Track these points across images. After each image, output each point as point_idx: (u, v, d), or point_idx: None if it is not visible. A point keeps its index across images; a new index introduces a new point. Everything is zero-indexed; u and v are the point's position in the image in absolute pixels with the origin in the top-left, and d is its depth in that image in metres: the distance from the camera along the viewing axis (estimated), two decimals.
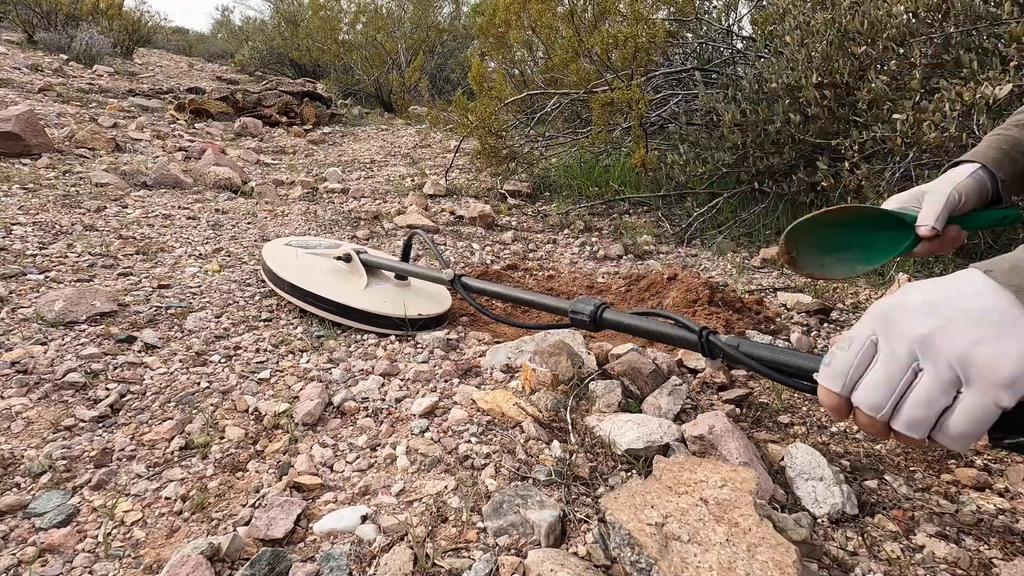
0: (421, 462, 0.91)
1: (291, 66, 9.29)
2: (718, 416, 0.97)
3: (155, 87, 5.70)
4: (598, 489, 0.86)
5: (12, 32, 7.31)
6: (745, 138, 2.42)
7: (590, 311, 0.98)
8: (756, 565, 0.64)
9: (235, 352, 1.27)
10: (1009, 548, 0.79)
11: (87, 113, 3.93)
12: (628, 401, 1.10)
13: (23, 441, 0.93)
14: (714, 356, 0.79)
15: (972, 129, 1.53)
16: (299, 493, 0.85)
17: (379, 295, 1.44)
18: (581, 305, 1.00)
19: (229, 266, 1.79)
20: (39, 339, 1.22)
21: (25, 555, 0.73)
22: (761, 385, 1.23)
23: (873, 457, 0.99)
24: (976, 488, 0.91)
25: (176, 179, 2.72)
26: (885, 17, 1.77)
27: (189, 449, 0.95)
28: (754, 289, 1.91)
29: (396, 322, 1.37)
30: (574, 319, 1.01)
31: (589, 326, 0.99)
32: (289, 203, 2.71)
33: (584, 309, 0.99)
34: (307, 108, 5.48)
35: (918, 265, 1.96)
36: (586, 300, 1.01)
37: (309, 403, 1.05)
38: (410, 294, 1.50)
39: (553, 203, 3.11)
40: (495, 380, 1.18)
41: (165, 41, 11.27)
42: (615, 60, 2.73)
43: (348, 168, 3.75)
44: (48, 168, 2.60)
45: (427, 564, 0.71)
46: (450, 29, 8.21)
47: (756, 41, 2.90)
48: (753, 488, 0.76)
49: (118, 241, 1.85)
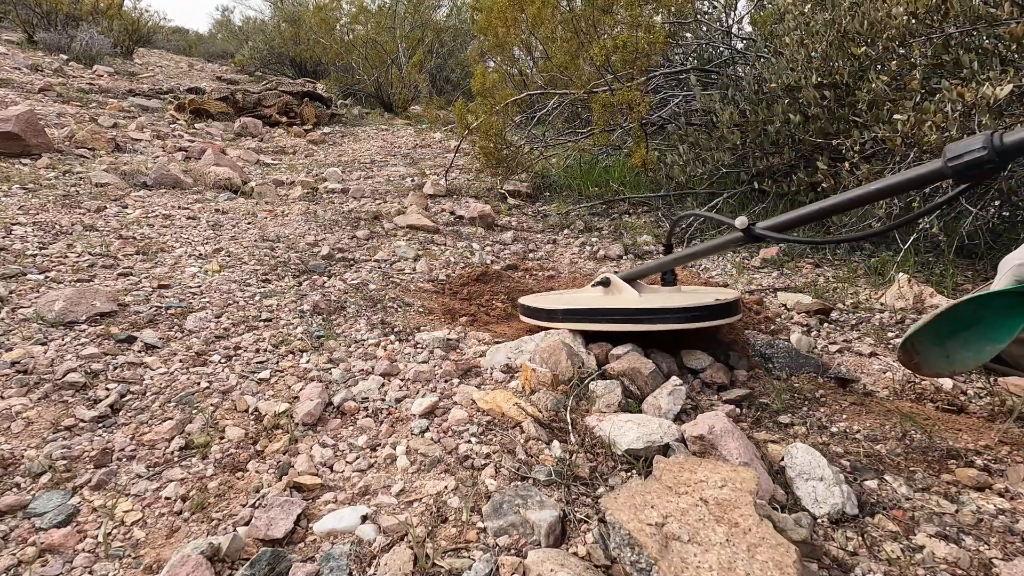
0: (421, 462, 0.91)
1: (291, 66, 9.29)
2: (718, 416, 0.97)
3: (155, 87, 5.70)
4: (598, 489, 0.86)
5: (12, 32, 7.31)
6: (745, 138, 2.42)
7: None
8: (756, 565, 0.64)
9: (235, 352, 1.27)
10: (1009, 548, 0.79)
11: (87, 113, 3.93)
12: (628, 401, 1.10)
13: (23, 441, 0.93)
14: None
15: (973, 130, 1.53)
16: (299, 493, 0.85)
17: (660, 298, 1.28)
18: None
19: (229, 266, 1.79)
20: (39, 339, 1.22)
21: (25, 555, 0.73)
22: (761, 385, 1.23)
23: (873, 457, 0.99)
24: (976, 488, 0.91)
25: (176, 179, 2.72)
26: (885, 18, 1.77)
27: (189, 449, 0.95)
28: (754, 289, 1.91)
29: (696, 313, 1.19)
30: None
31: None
32: (289, 203, 2.71)
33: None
34: (307, 108, 5.48)
35: (918, 265, 1.96)
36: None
37: (309, 403, 1.05)
38: (688, 293, 1.35)
39: (553, 203, 3.11)
40: (495, 380, 1.18)
41: (165, 41, 11.27)
42: (614, 62, 2.74)
43: (348, 168, 3.75)
44: (48, 168, 2.60)
45: (427, 564, 0.71)
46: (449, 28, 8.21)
47: (756, 41, 2.90)
48: (753, 488, 0.76)
49: (118, 241, 1.85)
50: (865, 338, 1.52)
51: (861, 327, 1.59)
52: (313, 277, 1.78)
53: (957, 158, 0.74)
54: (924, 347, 0.95)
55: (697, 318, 1.18)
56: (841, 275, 1.98)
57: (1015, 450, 0.99)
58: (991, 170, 0.73)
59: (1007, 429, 1.05)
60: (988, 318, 0.89)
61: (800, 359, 1.33)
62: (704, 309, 1.18)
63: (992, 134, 0.71)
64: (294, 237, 2.16)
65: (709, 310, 1.18)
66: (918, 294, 1.68)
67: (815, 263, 2.14)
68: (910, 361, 1.01)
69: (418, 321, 1.51)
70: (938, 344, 0.94)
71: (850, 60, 1.95)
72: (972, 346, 0.91)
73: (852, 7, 1.93)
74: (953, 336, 0.93)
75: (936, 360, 0.96)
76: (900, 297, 1.70)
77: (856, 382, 1.28)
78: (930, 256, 2.02)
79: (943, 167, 0.76)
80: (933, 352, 0.95)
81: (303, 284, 1.72)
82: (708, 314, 1.19)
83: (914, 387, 1.25)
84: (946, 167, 0.76)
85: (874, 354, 1.42)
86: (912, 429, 1.06)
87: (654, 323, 1.21)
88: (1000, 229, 1.97)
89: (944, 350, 0.94)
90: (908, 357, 1.00)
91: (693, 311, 1.18)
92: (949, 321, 0.91)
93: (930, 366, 0.97)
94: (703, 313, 1.18)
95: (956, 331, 0.92)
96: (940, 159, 0.77)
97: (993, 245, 1.98)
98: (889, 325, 1.60)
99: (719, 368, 1.23)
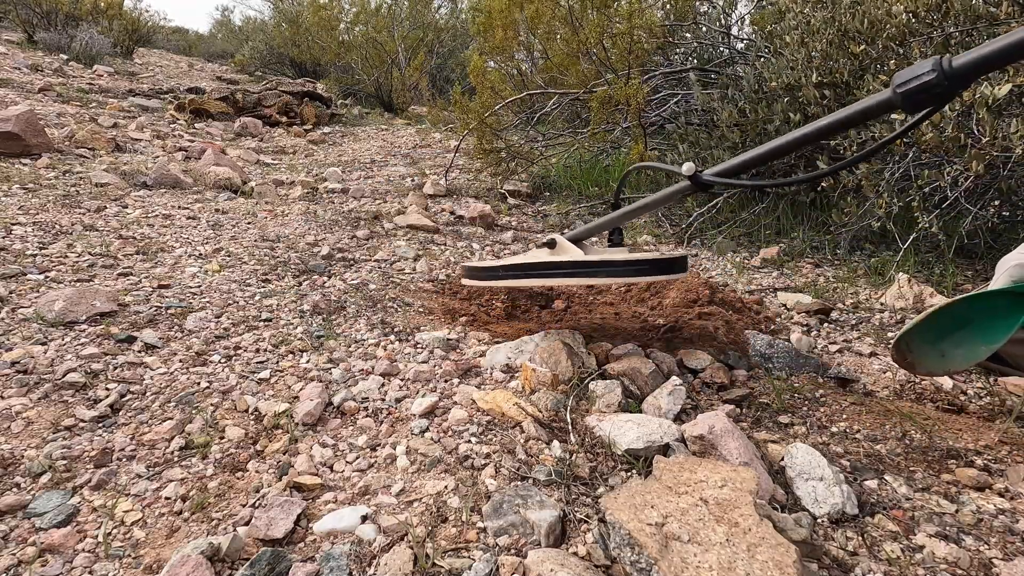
0: (421, 462, 0.91)
1: (291, 66, 9.29)
2: (718, 416, 0.97)
3: (155, 87, 5.70)
4: (598, 489, 0.86)
5: (12, 32, 7.31)
6: (745, 137, 2.42)
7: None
8: (756, 565, 0.64)
9: (235, 352, 1.27)
10: (1009, 548, 0.79)
11: (87, 113, 3.93)
12: (628, 401, 1.10)
13: (23, 441, 0.93)
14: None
15: (971, 129, 1.53)
16: (299, 493, 0.85)
17: (604, 254, 1.24)
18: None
19: (229, 266, 1.79)
20: (39, 339, 1.22)
21: (25, 555, 0.73)
22: (761, 385, 1.23)
23: (873, 457, 0.99)
24: (976, 488, 0.91)
25: (176, 179, 2.72)
26: (885, 16, 1.77)
27: (189, 449, 0.95)
28: (754, 289, 1.91)
29: (640, 267, 1.15)
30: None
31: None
32: (289, 203, 2.71)
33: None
34: (307, 108, 5.48)
35: (918, 265, 1.96)
36: None
37: (309, 403, 1.05)
38: (634, 250, 1.30)
39: (553, 203, 3.11)
40: (495, 380, 1.18)
41: (165, 41, 11.27)
42: (613, 59, 2.74)
43: (348, 168, 3.75)
44: (48, 168, 2.60)
45: (427, 564, 0.71)
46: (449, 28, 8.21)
47: (756, 41, 2.90)
48: (753, 488, 0.76)
49: (118, 241, 1.85)
50: (865, 338, 1.52)
51: (861, 327, 1.59)
52: (313, 277, 1.78)
53: (905, 84, 0.70)
54: (919, 346, 0.95)
55: (641, 272, 1.15)
56: (841, 275, 1.98)
57: (1015, 450, 0.99)
58: (941, 96, 0.69)
59: (1007, 429, 1.05)
60: (984, 318, 0.89)
61: (800, 359, 1.33)
62: (648, 263, 1.15)
63: (942, 58, 0.68)
64: (294, 237, 2.16)
65: (653, 264, 1.15)
66: (918, 294, 1.68)
67: (815, 263, 2.14)
68: (904, 360, 1.01)
69: (418, 321, 1.51)
70: (933, 344, 0.94)
71: (850, 59, 1.95)
72: (967, 345, 0.91)
73: (852, 6, 1.93)
74: (948, 336, 0.93)
75: (931, 359, 0.95)
76: (900, 297, 1.70)
77: (856, 382, 1.28)
78: (930, 256, 2.02)
79: (892, 95, 0.72)
80: (928, 351, 0.95)
81: (303, 284, 1.72)
82: (651, 268, 1.15)
83: (914, 387, 1.25)
84: (895, 95, 0.72)
85: (874, 354, 1.42)
86: (912, 429, 1.06)
87: (597, 276, 1.17)
88: (1000, 229, 1.97)
89: (939, 350, 0.94)
90: (902, 356, 1.00)
91: (636, 264, 1.14)
92: (944, 321, 0.91)
93: (924, 365, 0.97)
94: (646, 267, 1.15)
95: (951, 331, 0.92)
96: (888, 89, 0.73)
97: (993, 245, 1.97)
98: (889, 325, 1.59)
99: (719, 368, 1.23)
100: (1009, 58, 0.65)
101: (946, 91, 0.69)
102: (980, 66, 0.67)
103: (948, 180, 1.69)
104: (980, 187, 1.83)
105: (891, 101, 0.74)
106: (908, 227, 1.95)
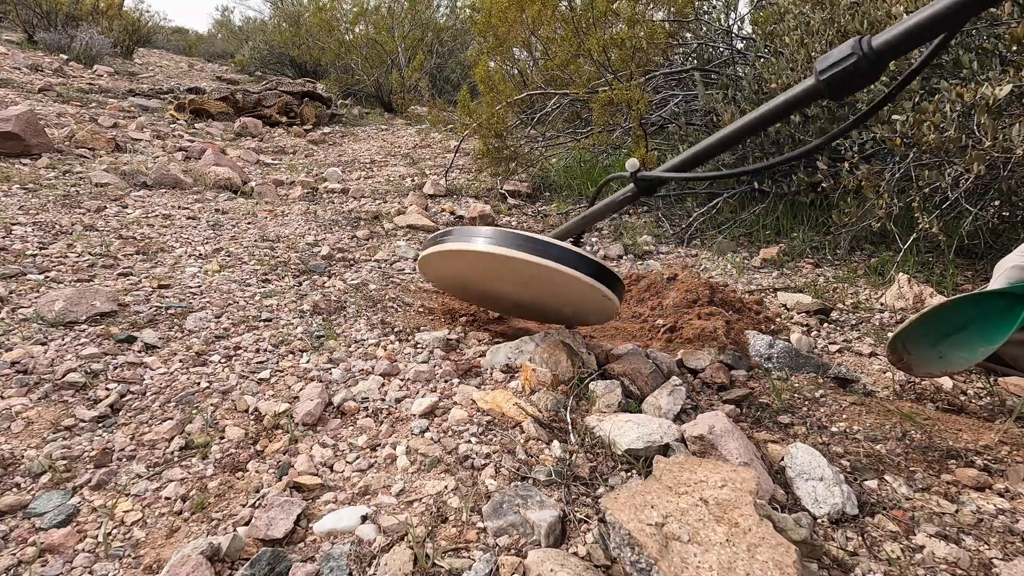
0: (421, 462, 0.91)
1: (291, 66, 9.29)
2: (718, 416, 0.97)
3: (155, 87, 5.70)
4: (598, 489, 0.86)
5: (12, 32, 7.31)
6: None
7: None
8: (756, 565, 0.64)
9: (235, 352, 1.27)
10: (1009, 548, 0.79)
11: (87, 113, 3.93)
12: (628, 401, 1.10)
13: (23, 441, 0.93)
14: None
15: (972, 130, 1.53)
16: (299, 493, 0.85)
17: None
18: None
19: (229, 266, 1.79)
20: (39, 339, 1.22)
21: (25, 555, 0.73)
22: (761, 385, 1.23)
23: (873, 457, 0.99)
24: (976, 488, 0.91)
25: (176, 179, 2.72)
26: (884, 17, 1.77)
27: (189, 449, 0.95)
28: (754, 289, 1.91)
29: (579, 261, 1.06)
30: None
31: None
32: (289, 203, 2.71)
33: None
34: (307, 108, 5.48)
35: (918, 266, 1.96)
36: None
37: (309, 403, 1.05)
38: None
39: (553, 203, 3.11)
40: (495, 380, 1.18)
41: (165, 41, 11.27)
42: (614, 60, 2.73)
43: (348, 168, 3.75)
44: (48, 168, 2.60)
45: (427, 564, 0.71)
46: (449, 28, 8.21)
47: (756, 41, 2.90)
48: (753, 488, 0.76)
49: (118, 241, 1.85)
50: (865, 338, 1.52)
51: (861, 327, 1.59)
52: (313, 277, 1.78)
53: (827, 71, 0.68)
54: (917, 348, 0.95)
55: (556, 258, 1.03)
56: (841, 275, 1.98)
57: (1015, 450, 0.99)
58: (862, 76, 0.67)
59: (1007, 429, 1.05)
60: (982, 319, 0.89)
61: (800, 359, 1.33)
62: (573, 255, 1.05)
63: (860, 39, 0.66)
64: (294, 237, 2.16)
65: (577, 258, 1.05)
66: (918, 294, 1.68)
67: (815, 263, 2.14)
68: (900, 361, 1.01)
69: (418, 321, 1.51)
70: (932, 345, 0.94)
71: None
72: (965, 346, 0.91)
73: (852, 6, 1.93)
74: (947, 337, 0.93)
75: (929, 360, 0.96)
76: (900, 297, 1.70)
77: (856, 382, 1.28)
78: (930, 256, 2.02)
79: (815, 82, 0.70)
80: (926, 352, 0.96)
81: (303, 284, 1.72)
82: (573, 261, 1.04)
83: (914, 387, 1.25)
84: (819, 82, 0.70)
85: (874, 354, 1.42)
86: (912, 429, 1.06)
87: (503, 247, 1.04)
88: (1000, 229, 1.97)
89: (937, 351, 0.94)
90: (897, 357, 1.00)
91: (578, 256, 1.05)
92: (942, 322, 0.91)
93: (921, 366, 0.98)
94: (567, 258, 1.04)
95: (949, 332, 0.92)
96: (813, 75, 0.71)
97: (993, 245, 1.98)
98: (889, 325, 1.60)
99: (719, 368, 1.23)
100: (932, 31, 0.63)
101: (867, 70, 0.67)
102: (901, 43, 0.64)
103: (949, 181, 1.69)
104: (980, 187, 1.83)
105: (816, 88, 0.72)
106: (908, 227, 1.95)
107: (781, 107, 0.78)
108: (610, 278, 1.08)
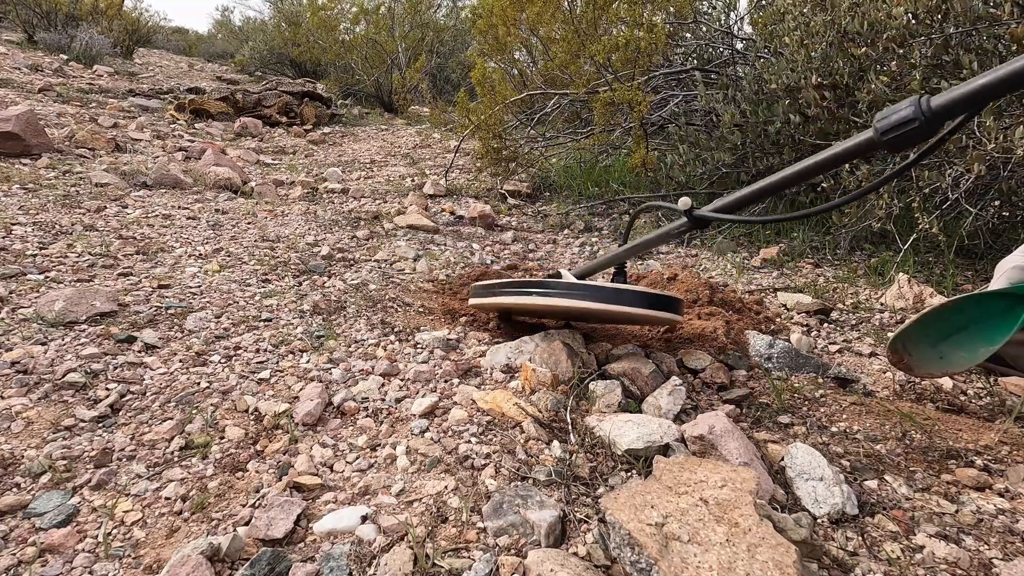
0: (421, 462, 0.91)
1: (291, 66, 9.29)
2: (718, 416, 0.97)
3: (155, 87, 5.70)
4: (598, 489, 0.86)
5: (12, 32, 7.31)
6: (745, 138, 2.42)
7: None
8: (756, 565, 0.64)
9: (235, 352, 1.27)
10: (1009, 548, 0.79)
11: (87, 113, 3.93)
12: (628, 401, 1.10)
13: (23, 441, 0.93)
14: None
15: (971, 130, 1.53)
16: (299, 493, 0.85)
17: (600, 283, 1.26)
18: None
19: (229, 266, 1.79)
20: (39, 339, 1.22)
21: (25, 555, 0.73)
22: (761, 385, 1.23)
23: (873, 457, 0.99)
24: (976, 488, 0.91)
25: (176, 179, 2.72)
26: (885, 18, 1.77)
27: (189, 449, 0.95)
28: (754, 289, 1.91)
29: (631, 298, 1.14)
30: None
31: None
32: (289, 203, 2.71)
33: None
34: (307, 108, 5.48)
35: (918, 266, 1.96)
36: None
37: (309, 403, 1.05)
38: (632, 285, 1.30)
39: (553, 203, 3.11)
40: (495, 380, 1.18)
41: (165, 41, 11.28)
42: (615, 61, 2.74)
43: (348, 168, 3.75)
44: (48, 168, 2.60)
45: (427, 564, 0.71)
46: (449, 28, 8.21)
47: (756, 42, 2.90)
48: (753, 488, 0.76)
49: (118, 241, 1.85)
50: (865, 338, 1.52)
51: (861, 327, 1.59)
52: (313, 277, 1.78)
53: (889, 131, 0.74)
54: (917, 348, 0.96)
55: (629, 302, 1.13)
56: (841, 275, 1.98)
57: (1015, 450, 0.99)
58: (921, 135, 0.72)
59: (1007, 429, 1.05)
60: (983, 319, 0.89)
61: (800, 359, 1.33)
62: (639, 295, 1.14)
63: (920, 99, 0.71)
64: (294, 237, 2.16)
65: (642, 297, 1.15)
66: (918, 294, 1.68)
67: (815, 263, 2.14)
68: (900, 361, 1.01)
69: (418, 321, 1.51)
70: (932, 346, 0.95)
71: (850, 60, 1.95)
72: (966, 347, 0.91)
73: (852, 7, 1.93)
74: (947, 337, 0.93)
75: (929, 361, 0.96)
76: (900, 297, 1.70)
77: (856, 382, 1.28)
78: (930, 256, 2.02)
79: (875, 136, 0.76)
80: (926, 353, 0.96)
81: (303, 284, 1.72)
82: (640, 301, 1.14)
83: (914, 387, 1.25)
84: (876, 135, 0.75)
85: (874, 354, 1.42)
86: (912, 429, 1.06)
87: (584, 300, 1.15)
88: (1000, 229, 1.97)
89: (937, 351, 0.95)
90: (898, 357, 1.00)
91: (627, 294, 1.14)
92: (943, 322, 0.91)
93: (922, 366, 0.98)
94: (636, 299, 1.14)
95: (950, 333, 0.92)
96: (871, 129, 0.76)
97: (993, 245, 1.98)
98: (889, 325, 1.60)
99: (719, 368, 1.23)
100: (987, 96, 0.67)
101: (926, 130, 0.72)
102: (957, 105, 0.69)
103: (949, 181, 1.69)
104: (980, 188, 1.83)
105: (874, 141, 0.77)
106: (908, 228, 1.95)
107: (838, 156, 0.82)
108: (674, 304, 1.20)
